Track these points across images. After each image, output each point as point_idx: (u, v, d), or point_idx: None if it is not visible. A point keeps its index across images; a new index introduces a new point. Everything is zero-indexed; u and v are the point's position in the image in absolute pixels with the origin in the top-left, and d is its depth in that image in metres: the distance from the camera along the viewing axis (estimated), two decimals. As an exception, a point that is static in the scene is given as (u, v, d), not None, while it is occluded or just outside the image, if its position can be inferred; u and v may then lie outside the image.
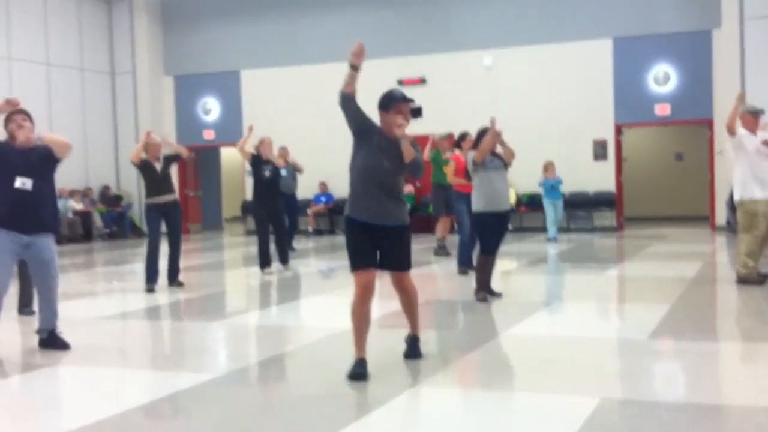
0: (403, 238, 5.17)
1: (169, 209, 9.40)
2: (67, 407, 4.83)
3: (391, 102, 5.09)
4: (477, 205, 7.81)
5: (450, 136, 11.46)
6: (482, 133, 7.98)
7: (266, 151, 10.88)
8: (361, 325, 5.04)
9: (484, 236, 7.86)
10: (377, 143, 5.04)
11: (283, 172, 13.71)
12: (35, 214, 5.97)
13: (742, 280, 8.43)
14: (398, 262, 5.19)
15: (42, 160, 6.12)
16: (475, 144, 8.06)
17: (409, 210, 5.39)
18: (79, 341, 6.32)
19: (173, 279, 9.60)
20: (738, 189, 8.45)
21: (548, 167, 15.23)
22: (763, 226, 8.27)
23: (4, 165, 5.93)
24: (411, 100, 5.16)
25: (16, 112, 6.11)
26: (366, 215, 5.04)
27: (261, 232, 10.78)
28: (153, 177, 9.41)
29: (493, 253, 7.95)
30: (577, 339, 6.19)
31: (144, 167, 9.44)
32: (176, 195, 9.71)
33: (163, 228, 9.49)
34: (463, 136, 9.95)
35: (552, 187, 15.15)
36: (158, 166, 9.47)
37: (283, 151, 14.26)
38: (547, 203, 15.19)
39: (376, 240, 5.06)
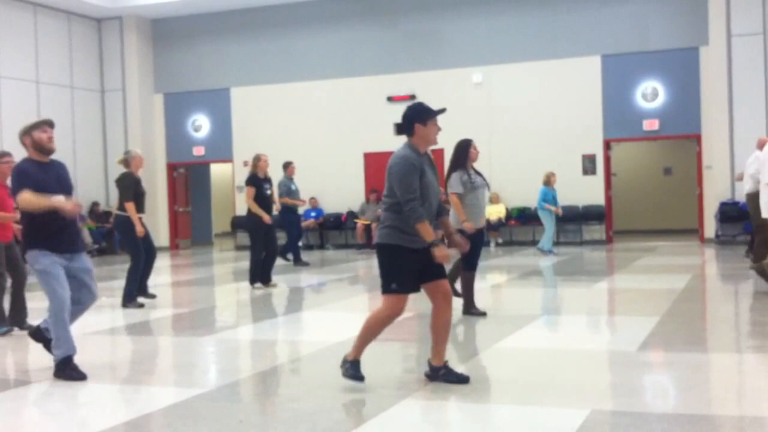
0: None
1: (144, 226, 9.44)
2: (55, 424, 4.80)
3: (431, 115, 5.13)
4: (469, 221, 7.77)
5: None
6: (463, 147, 7.85)
7: (265, 168, 10.94)
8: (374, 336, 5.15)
9: (474, 253, 7.83)
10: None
11: (293, 186, 13.83)
12: (74, 231, 5.81)
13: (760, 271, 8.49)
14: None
15: (64, 173, 5.93)
16: (456, 159, 7.90)
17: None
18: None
19: (146, 291, 9.70)
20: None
21: (552, 178, 15.19)
22: None
23: (43, 185, 5.64)
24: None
25: (43, 122, 5.89)
26: None
27: (257, 248, 10.78)
28: (139, 193, 9.39)
29: (476, 269, 7.99)
30: (567, 351, 6.20)
31: (137, 182, 9.42)
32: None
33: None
34: None
35: (553, 198, 15.15)
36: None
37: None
38: (547, 214, 15.04)
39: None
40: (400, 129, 5.17)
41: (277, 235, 11.42)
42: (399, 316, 5.06)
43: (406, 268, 4.95)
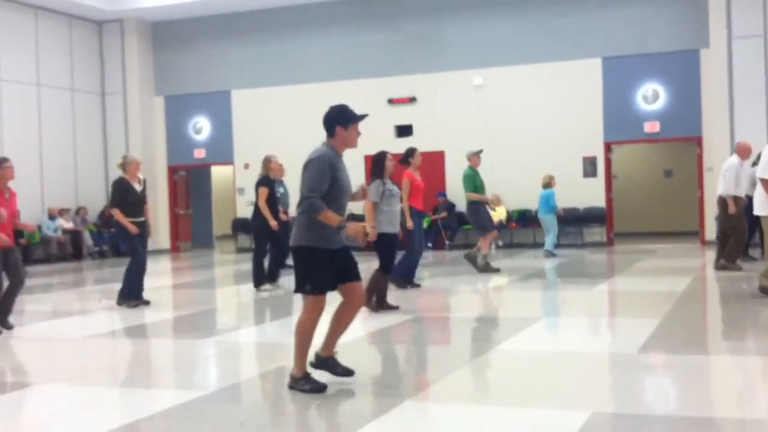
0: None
1: (142, 230, 9.45)
2: (56, 426, 4.79)
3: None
4: (387, 227, 8.23)
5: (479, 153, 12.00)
6: (380, 160, 8.52)
7: (276, 169, 11.01)
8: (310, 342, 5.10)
9: (392, 256, 8.31)
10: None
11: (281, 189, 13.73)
12: None
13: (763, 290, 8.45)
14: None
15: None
16: (374, 170, 8.47)
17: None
18: (68, 360, 6.28)
19: (140, 296, 9.64)
20: None
21: (553, 180, 15.18)
22: None
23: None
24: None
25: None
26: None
27: (262, 251, 10.78)
28: (133, 198, 9.41)
29: (390, 272, 8.47)
30: (567, 353, 6.20)
31: (127, 188, 9.41)
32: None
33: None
34: (412, 152, 10.12)
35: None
36: (138, 187, 9.48)
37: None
38: (554, 216, 15.01)
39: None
40: (325, 129, 5.24)
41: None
42: (322, 314, 5.02)
43: (321, 270, 4.95)
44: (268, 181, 10.74)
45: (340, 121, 5.16)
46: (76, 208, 19.10)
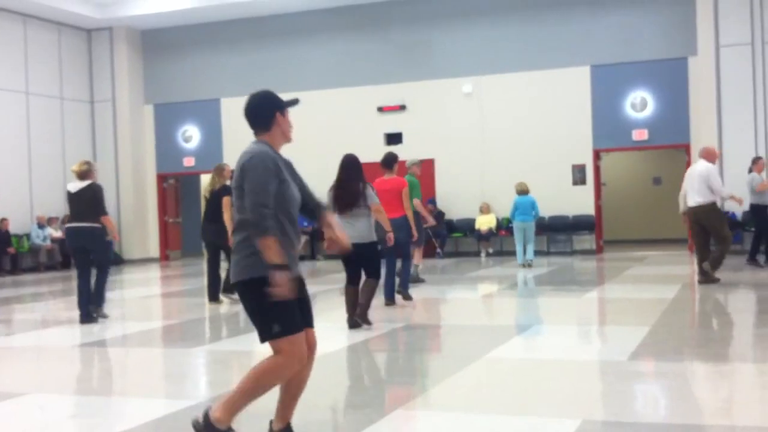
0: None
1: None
2: (44, 436, 4.76)
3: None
4: (376, 235, 7.90)
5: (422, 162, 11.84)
6: (395, 158, 8.81)
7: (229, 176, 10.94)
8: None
9: (379, 262, 7.96)
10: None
11: None
12: None
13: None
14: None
15: None
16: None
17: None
18: (57, 369, 6.24)
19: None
20: None
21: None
22: None
23: None
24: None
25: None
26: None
27: (216, 260, 10.72)
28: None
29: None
30: (557, 361, 6.20)
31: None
32: None
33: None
34: (396, 158, 9.61)
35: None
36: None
37: None
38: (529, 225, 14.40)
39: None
40: (253, 123, 3.95)
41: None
42: (303, 363, 3.87)
43: (285, 302, 3.70)
44: (229, 190, 10.65)
45: (279, 105, 3.94)
46: (64, 217, 19.01)
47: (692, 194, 10.41)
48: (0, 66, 18.13)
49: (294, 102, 4.05)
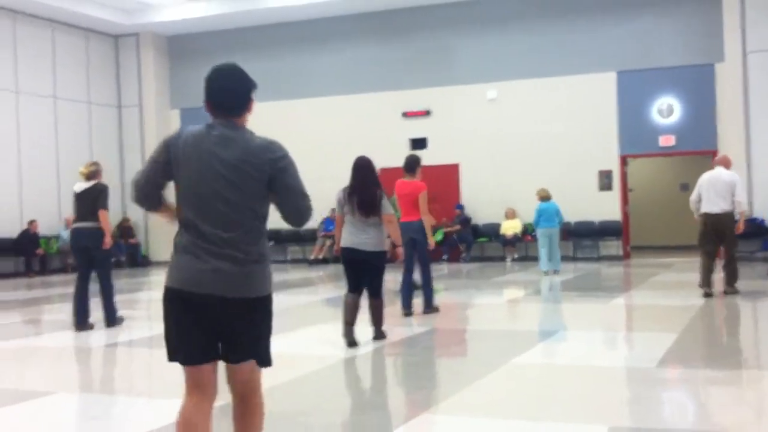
0: None
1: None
2: (71, 436, 4.80)
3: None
4: (385, 245, 7.28)
5: None
6: (417, 161, 8.59)
7: None
8: None
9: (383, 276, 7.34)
10: None
11: None
12: None
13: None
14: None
15: None
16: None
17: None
18: (85, 369, 6.29)
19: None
20: None
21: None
22: None
23: None
24: None
25: None
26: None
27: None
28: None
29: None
30: (584, 367, 6.15)
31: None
32: None
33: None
34: (419, 161, 9.05)
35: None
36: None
37: None
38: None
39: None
40: (233, 107, 3.50)
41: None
42: (206, 400, 3.46)
43: (176, 324, 3.32)
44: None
45: (253, 86, 3.54)
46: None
47: (717, 200, 10.26)
48: (29, 71, 18.37)
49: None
